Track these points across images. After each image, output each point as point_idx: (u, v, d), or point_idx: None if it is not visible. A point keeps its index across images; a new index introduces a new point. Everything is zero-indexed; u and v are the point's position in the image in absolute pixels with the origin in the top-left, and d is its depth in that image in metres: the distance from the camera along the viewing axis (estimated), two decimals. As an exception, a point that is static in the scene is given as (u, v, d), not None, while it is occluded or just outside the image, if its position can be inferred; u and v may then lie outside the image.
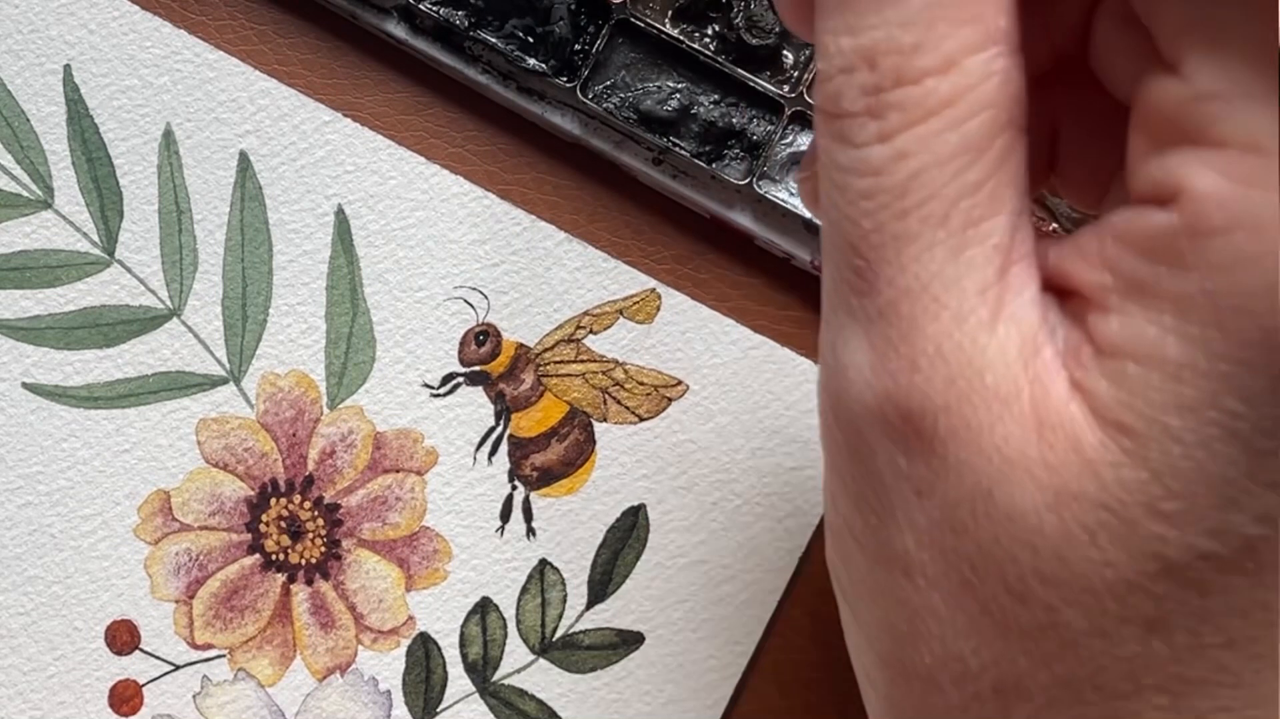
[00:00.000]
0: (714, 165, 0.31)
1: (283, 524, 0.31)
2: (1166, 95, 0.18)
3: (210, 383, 0.31)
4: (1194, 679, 0.18)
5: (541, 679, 0.31)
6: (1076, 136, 0.22)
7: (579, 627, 0.31)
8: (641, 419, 0.31)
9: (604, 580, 0.31)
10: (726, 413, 0.31)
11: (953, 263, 0.18)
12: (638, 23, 0.31)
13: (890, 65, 0.18)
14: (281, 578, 0.31)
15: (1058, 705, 0.18)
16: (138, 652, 0.31)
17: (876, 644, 0.20)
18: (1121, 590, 0.18)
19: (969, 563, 0.18)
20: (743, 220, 0.31)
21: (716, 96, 0.31)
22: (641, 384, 0.32)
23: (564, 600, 0.31)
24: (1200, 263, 0.17)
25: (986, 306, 0.18)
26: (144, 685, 0.31)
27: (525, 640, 0.31)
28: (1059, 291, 0.19)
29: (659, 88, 0.31)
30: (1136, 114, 0.18)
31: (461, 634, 0.31)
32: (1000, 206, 0.18)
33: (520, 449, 0.31)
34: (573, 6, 0.31)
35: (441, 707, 0.31)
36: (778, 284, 0.32)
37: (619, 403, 0.31)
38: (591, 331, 0.32)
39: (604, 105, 0.31)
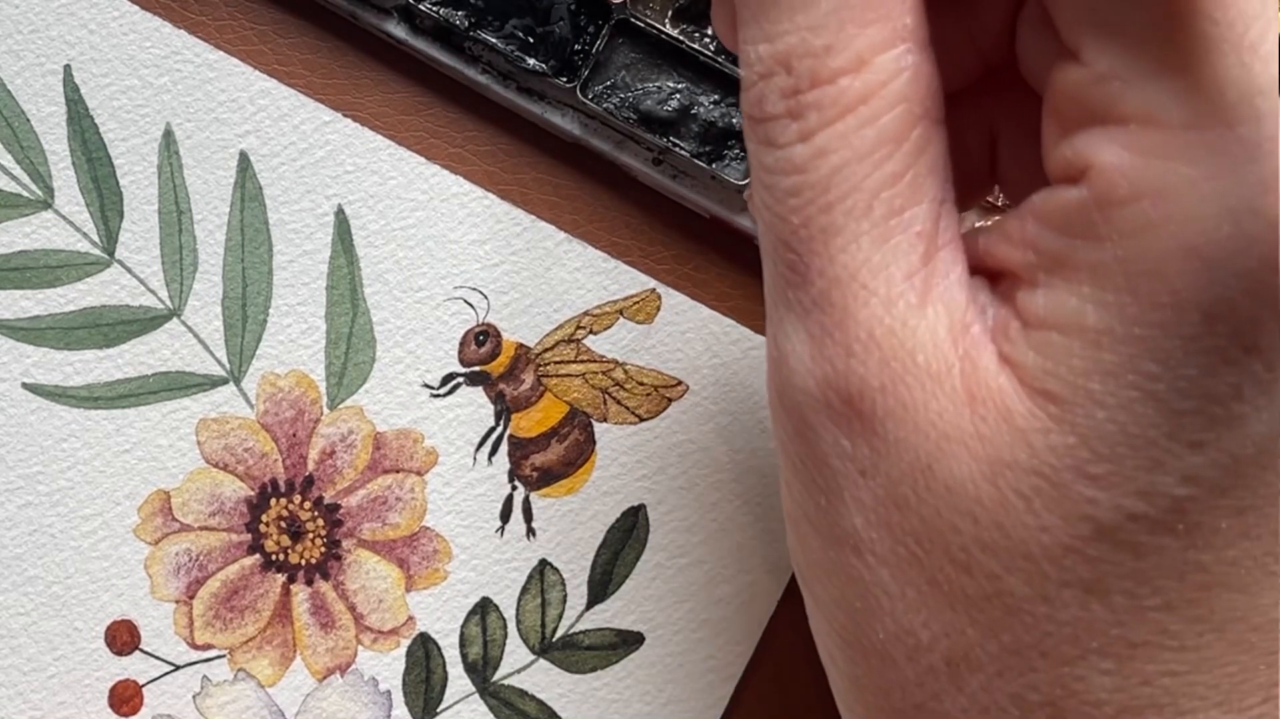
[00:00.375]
0: (714, 165, 0.31)
1: (283, 524, 0.31)
2: (1070, 80, 0.18)
3: (210, 383, 0.31)
4: (1137, 642, 0.18)
5: (541, 679, 0.31)
6: (1014, 141, 0.23)
7: (579, 627, 0.31)
8: (641, 419, 0.31)
9: (604, 580, 0.31)
10: (726, 413, 0.31)
11: (878, 251, 0.19)
12: (638, 23, 0.31)
13: (805, 68, 0.18)
14: (281, 578, 0.31)
15: (1008, 674, 0.19)
16: (138, 652, 0.31)
17: (835, 623, 0.21)
18: (1058, 554, 0.18)
19: (914, 537, 0.19)
20: (743, 221, 0.31)
21: (717, 97, 0.31)
22: (641, 384, 0.32)
23: (564, 600, 0.31)
24: (1111, 232, 0.17)
25: (914, 290, 0.19)
26: (144, 686, 0.31)
27: (525, 641, 0.31)
28: (991, 274, 0.20)
29: (659, 88, 0.31)
30: (1047, 102, 0.19)
31: (461, 634, 0.31)
32: (921, 195, 0.19)
33: (520, 449, 0.31)
34: (573, 6, 0.31)
35: (441, 707, 0.31)
36: (778, 284, 0.32)
37: (619, 403, 0.31)
38: (591, 332, 0.32)
39: (604, 105, 0.31)
